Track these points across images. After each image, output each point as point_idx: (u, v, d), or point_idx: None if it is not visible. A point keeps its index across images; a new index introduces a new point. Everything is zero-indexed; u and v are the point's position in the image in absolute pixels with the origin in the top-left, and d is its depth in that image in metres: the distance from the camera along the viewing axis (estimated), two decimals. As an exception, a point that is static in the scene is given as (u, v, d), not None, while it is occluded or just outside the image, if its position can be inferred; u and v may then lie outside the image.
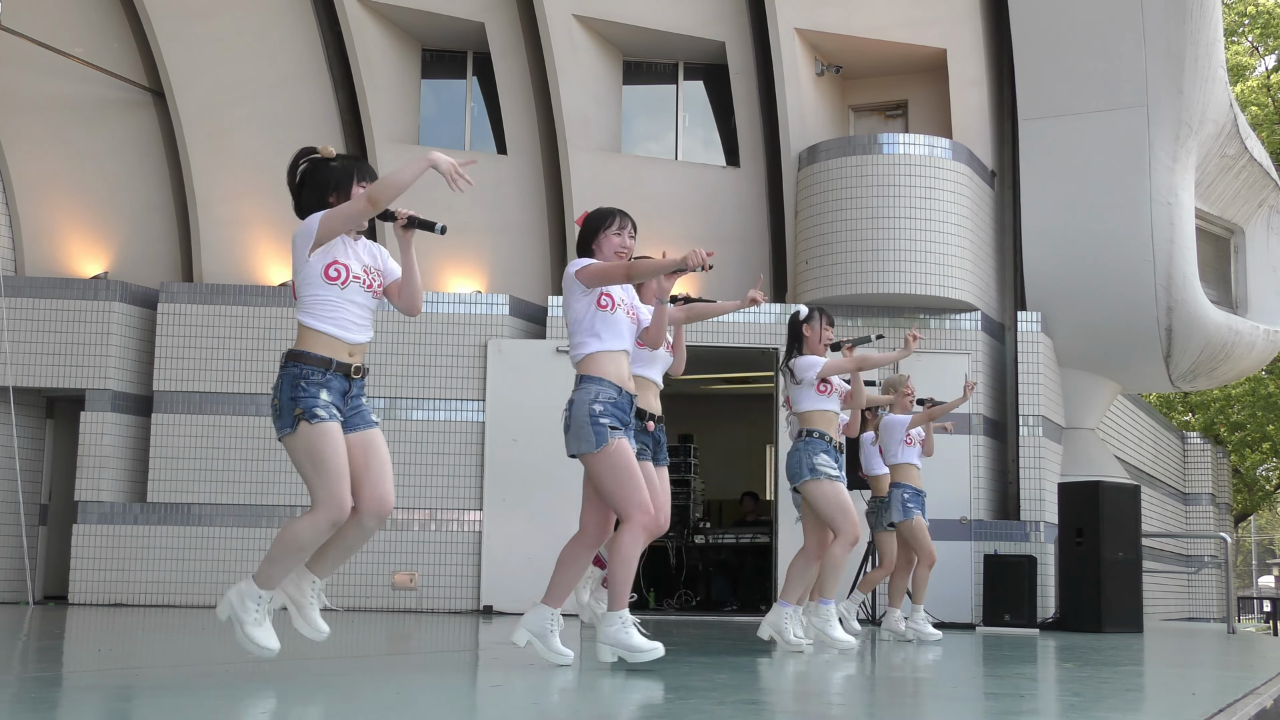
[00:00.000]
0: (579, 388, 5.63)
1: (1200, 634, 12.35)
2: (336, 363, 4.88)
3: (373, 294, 5.03)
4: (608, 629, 5.59)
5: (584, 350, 5.66)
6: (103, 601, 12.28)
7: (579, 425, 5.54)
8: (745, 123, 13.92)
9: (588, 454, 5.55)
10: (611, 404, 5.56)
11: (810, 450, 7.38)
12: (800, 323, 7.60)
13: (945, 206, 12.79)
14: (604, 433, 5.48)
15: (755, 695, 4.65)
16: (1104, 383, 14.81)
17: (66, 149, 13.81)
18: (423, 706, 4.21)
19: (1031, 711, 4.45)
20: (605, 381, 5.58)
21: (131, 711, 4.04)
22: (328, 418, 4.79)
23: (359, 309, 4.98)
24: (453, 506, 12.48)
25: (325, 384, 4.84)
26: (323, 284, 4.91)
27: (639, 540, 5.52)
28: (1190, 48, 13.10)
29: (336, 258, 4.94)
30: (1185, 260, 13.49)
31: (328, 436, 4.78)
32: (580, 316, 5.67)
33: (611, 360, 5.64)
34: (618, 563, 5.56)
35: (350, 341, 4.94)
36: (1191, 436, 23.17)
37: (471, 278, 13.72)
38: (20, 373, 12.53)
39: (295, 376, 4.84)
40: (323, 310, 4.91)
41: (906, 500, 9.18)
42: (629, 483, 5.51)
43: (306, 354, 4.87)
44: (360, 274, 4.97)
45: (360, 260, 5.02)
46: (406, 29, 14.22)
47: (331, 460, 4.78)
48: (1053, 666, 7.01)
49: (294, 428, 4.79)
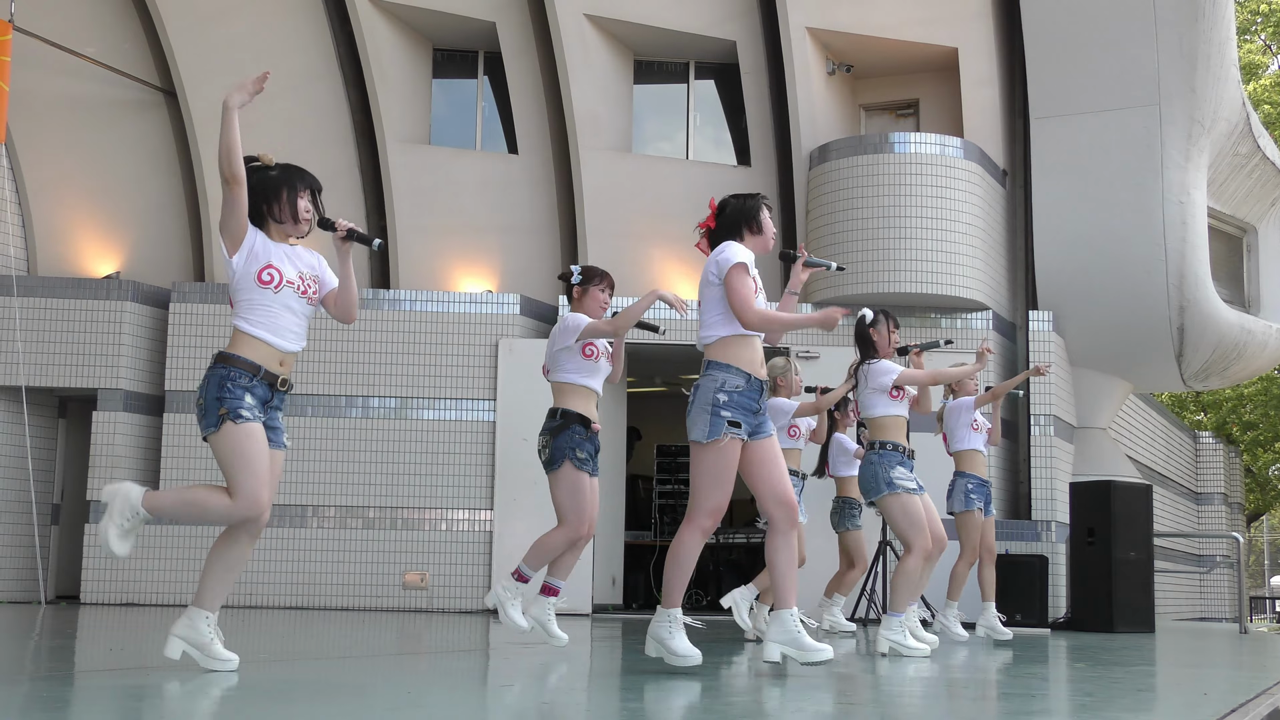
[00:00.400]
0: (705, 374, 5.41)
1: (1212, 634, 12.31)
2: (265, 370, 4.95)
3: (307, 300, 5.07)
4: (656, 625, 5.43)
5: (715, 332, 5.44)
6: (114, 601, 12.31)
7: (699, 410, 5.33)
8: (756, 122, 13.91)
9: (697, 442, 5.35)
10: (738, 393, 5.34)
11: (886, 463, 7.17)
12: (866, 327, 7.45)
13: (956, 206, 12.77)
14: (721, 425, 5.29)
15: (763, 695, 4.65)
16: (1116, 382, 14.78)
17: (79, 149, 13.85)
18: (434, 706, 4.21)
19: (1043, 711, 4.45)
20: (734, 369, 5.37)
21: (143, 710, 4.05)
22: (252, 418, 4.86)
23: (293, 316, 5.03)
24: (464, 506, 12.49)
25: (250, 389, 4.91)
26: (256, 288, 4.96)
27: (698, 541, 5.37)
28: (1203, 46, 13.06)
29: (270, 262, 4.99)
30: (1197, 259, 13.46)
31: (253, 436, 4.86)
32: (714, 298, 5.44)
33: (744, 344, 5.43)
34: (675, 562, 5.39)
35: (283, 349, 4.99)
36: (1204, 436, 23.11)
37: (482, 277, 13.73)
38: (33, 372, 12.56)
39: (222, 378, 4.90)
40: (257, 315, 4.97)
41: (970, 491, 8.88)
42: (721, 485, 5.32)
43: (236, 357, 4.93)
44: (294, 279, 5.02)
45: (295, 267, 5.06)
46: (418, 29, 14.24)
47: (255, 460, 4.85)
48: (1064, 666, 7.00)
49: (218, 427, 4.85)
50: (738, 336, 5.39)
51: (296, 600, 12.34)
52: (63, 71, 13.49)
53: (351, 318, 5.24)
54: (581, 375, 6.75)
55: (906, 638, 7.07)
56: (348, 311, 5.21)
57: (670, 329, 12.67)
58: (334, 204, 13.94)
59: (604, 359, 6.81)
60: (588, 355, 6.72)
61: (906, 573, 7.14)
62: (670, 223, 13.81)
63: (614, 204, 13.66)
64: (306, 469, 12.50)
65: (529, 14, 13.76)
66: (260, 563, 12.23)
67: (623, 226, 13.66)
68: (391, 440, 12.61)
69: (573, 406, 6.72)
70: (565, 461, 6.63)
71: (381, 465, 12.56)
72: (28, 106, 13.28)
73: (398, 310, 12.86)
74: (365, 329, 12.76)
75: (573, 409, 6.71)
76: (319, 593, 12.36)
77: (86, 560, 12.38)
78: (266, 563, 12.26)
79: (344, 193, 14.08)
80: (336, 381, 12.67)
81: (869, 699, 4.83)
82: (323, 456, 12.54)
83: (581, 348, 6.73)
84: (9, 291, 12.59)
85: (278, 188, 5.09)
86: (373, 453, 12.58)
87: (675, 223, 13.82)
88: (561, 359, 6.76)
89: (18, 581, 12.69)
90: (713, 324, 5.43)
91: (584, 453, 6.65)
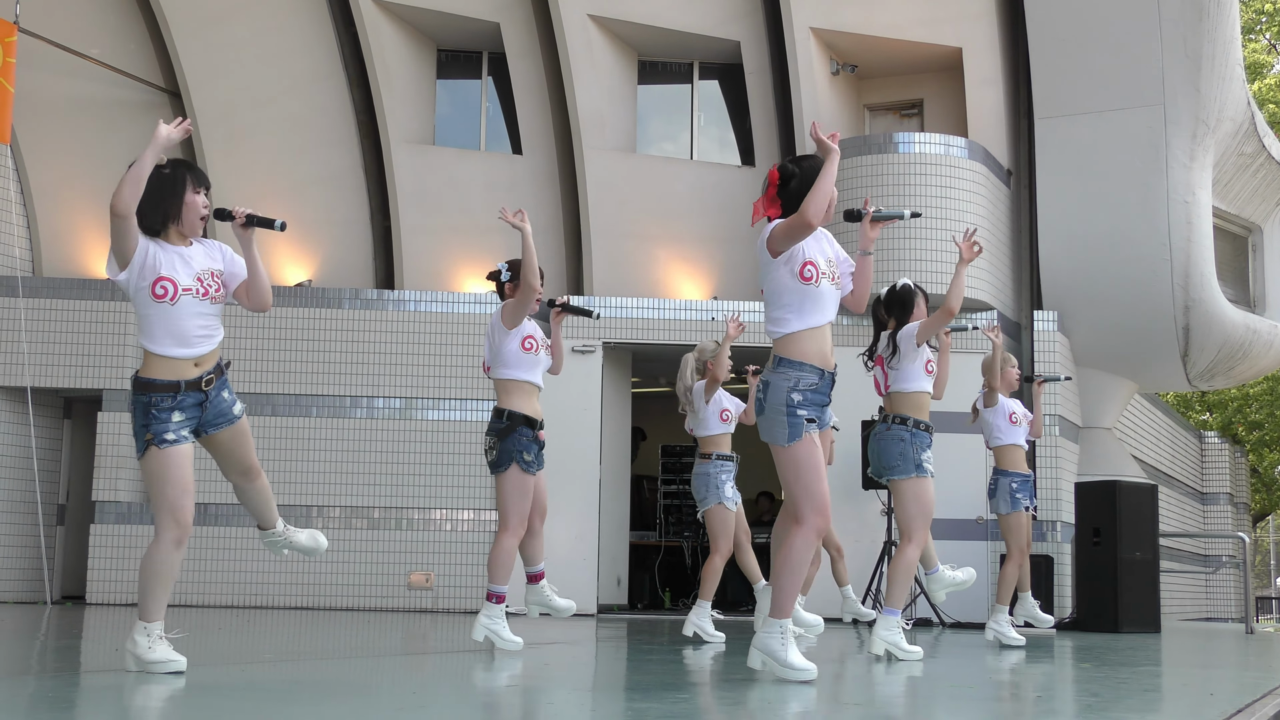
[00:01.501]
0: (776, 370, 5.13)
1: (1218, 634, 12.30)
2: (184, 383, 4.92)
3: (210, 300, 4.99)
4: (764, 635, 5.06)
5: (783, 328, 5.16)
6: (120, 601, 12.32)
7: (774, 412, 5.07)
8: (760, 122, 13.91)
9: (779, 446, 5.10)
10: (812, 391, 5.09)
11: (920, 444, 6.85)
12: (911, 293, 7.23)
13: (961, 205, 12.76)
14: (800, 426, 5.04)
15: (769, 695, 4.65)
16: (1121, 382, 14.76)
17: (84, 150, 13.86)
18: (439, 707, 4.21)
19: (1049, 712, 4.44)
20: (806, 366, 5.11)
21: (149, 710, 4.05)
22: (175, 440, 4.88)
23: (197, 320, 4.95)
24: (469, 506, 12.50)
25: (177, 405, 4.91)
26: (152, 303, 4.90)
27: (811, 542, 5.07)
28: (1207, 45, 13.05)
29: (161, 273, 4.91)
30: (1203, 259, 13.44)
31: (171, 462, 4.88)
32: (782, 287, 5.15)
33: (814, 338, 5.15)
34: (786, 567, 5.04)
35: (194, 356, 4.95)
36: (1209, 436, 23.08)
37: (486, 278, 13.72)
38: (38, 373, 12.58)
39: (145, 405, 4.90)
40: (158, 330, 4.91)
41: (1015, 490, 8.45)
42: (814, 480, 5.06)
43: (153, 381, 4.90)
44: (191, 285, 4.94)
45: (192, 269, 4.97)
46: (422, 29, 14.24)
47: (176, 482, 4.87)
48: (1070, 666, 6.99)
49: (144, 452, 4.91)
50: (808, 330, 5.11)
51: (301, 601, 12.35)
52: (67, 73, 13.51)
53: (265, 305, 5.12)
54: (521, 370, 6.75)
55: (903, 640, 6.81)
56: (260, 300, 5.11)
57: (674, 332, 12.68)
58: (338, 204, 14.01)
59: (543, 351, 6.81)
60: (526, 349, 6.73)
61: (907, 564, 6.76)
62: (674, 223, 13.82)
63: (618, 204, 13.66)
64: (311, 469, 12.51)
65: (533, 14, 13.76)
66: (265, 563, 12.24)
67: (627, 227, 13.66)
68: (396, 441, 12.62)
69: (517, 406, 6.74)
70: (512, 464, 6.66)
71: (386, 466, 12.57)
72: (32, 107, 13.29)
73: (402, 311, 12.86)
74: (369, 330, 12.77)
75: (518, 409, 6.73)
76: (324, 593, 12.37)
77: (92, 561, 12.39)
78: (271, 563, 12.27)
79: (348, 193, 14.09)
80: (341, 382, 12.68)
81: (870, 699, 4.83)
82: (327, 457, 12.55)
83: (521, 340, 6.73)
84: (14, 292, 12.61)
85: (171, 187, 4.98)
86: (377, 453, 12.59)
87: (679, 223, 13.83)
88: (501, 355, 6.76)
89: (23, 582, 12.70)
90: (782, 318, 5.14)
91: (530, 455, 6.68)
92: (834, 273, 5.24)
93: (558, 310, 7.10)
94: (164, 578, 4.95)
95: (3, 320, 12.68)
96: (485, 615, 6.67)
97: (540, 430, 6.79)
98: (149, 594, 4.95)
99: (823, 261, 5.19)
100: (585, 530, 12.26)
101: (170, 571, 4.96)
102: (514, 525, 6.66)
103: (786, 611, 5.04)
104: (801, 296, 5.11)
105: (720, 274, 13.67)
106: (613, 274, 13.53)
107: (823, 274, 5.16)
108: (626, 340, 12.76)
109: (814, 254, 5.17)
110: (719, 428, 8.25)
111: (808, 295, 5.12)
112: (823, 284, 5.15)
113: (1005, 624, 8.48)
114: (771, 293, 5.18)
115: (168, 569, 4.95)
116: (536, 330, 6.86)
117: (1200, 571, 19.89)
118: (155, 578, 4.94)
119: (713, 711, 4.21)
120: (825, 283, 5.16)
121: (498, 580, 6.67)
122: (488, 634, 6.65)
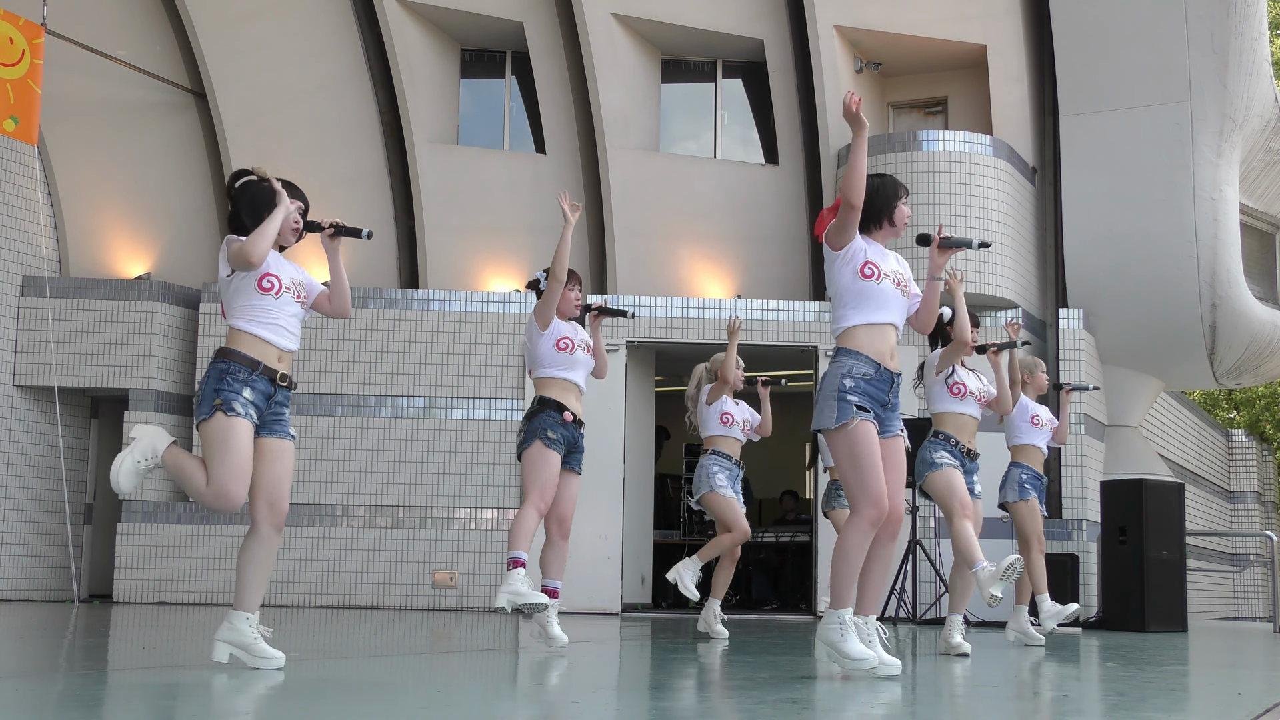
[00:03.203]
0: (833, 361, 5.26)
1: (1246, 633, 12.23)
2: (264, 365, 5.09)
3: (300, 305, 5.26)
4: (825, 627, 5.12)
5: (843, 323, 5.27)
6: (147, 600, 12.39)
7: (825, 398, 5.16)
8: (784, 121, 13.89)
9: (826, 429, 5.15)
10: (865, 380, 5.15)
11: (933, 447, 7.32)
12: (945, 325, 7.34)
13: (986, 203, 12.72)
14: (849, 409, 5.08)
15: (796, 694, 4.64)
16: (1147, 380, 14.69)
17: (110, 151, 13.94)
18: (465, 705, 4.22)
19: (1075, 711, 4.43)
20: (861, 356, 5.19)
21: (176, 709, 4.08)
22: (243, 414, 5.01)
23: (290, 318, 5.20)
24: (493, 505, 12.52)
25: (250, 383, 5.06)
26: (257, 294, 5.14)
27: (865, 534, 5.10)
28: (1234, 41, 12.97)
29: (269, 269, 5.16)
30: (1229, 256, 13.36)
31: (237, 430, 5.00)
32: (843, 286, 5.26)
33: (873, 334, 5.23)
34: (840, 558, 5.11)
35: (280, 346, 5.16)
36: (1236, 434, 22.95)
37: (510, 277, 13.75)
38: (65, 373, 12.66)
39: (221, 371, 5.06)
40: (255, 315, 5.12)
41: (1024, 481, 8.54)
42: (866, 470, 5.08)
43: (235, 352, 5.09)
44: (290, 285, 5.21)
45: (289, 274, 5.24)
46: (446, 29, 14.27)
47: (235, 454, 4.99)
48: (1096, 666, 6.96)
49: (210, 415, 5.01)
50: (868, 326, 5.21)
51: (326, 599, 12.40)
52: (94, 74, 13.59)
53: (347, 312, 5.43)
54: (558, 369, 6.77)
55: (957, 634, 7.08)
56: (342, 306, 5.40)
57: (699, 331, 12.68)
58: (363, 204, 14.05)
59: (580, 351, 6.81)
60: (561, 349, 6.76)
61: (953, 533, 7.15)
62: (698, 221, 13.81)
63: (642, 203, 13.66)
64: (336, 469, 12.56)
65: (556, 14, 13.78)
66: (290, 561, 12.29)
67: (650, 226, 13.67)
68: (420, 440, 12.66)
69: (550, 394, 6.76)
70: (535, 440, 6.67)
71: (411, 464, 12.60)
72: (60, 109, 13.37)
73: (426, 310, 12.90)
74: (394, 329, 12.81)
75: (549, 395, 6.75)
76: (349, 591, 12.41)
77: (119, 559, 12.47)
78: (297, 562, 12.32)
79: (372, 193, 14.13)
80: (365, 381, 12.72)
81: (903, 700, 4.82)
82: (352, 456, 12.59)
83: (555, 341, 6.76)
84: (42, 293, 12.70)
85: (270, 197, 5.20)
86: (402, 452, 12.62)
87: (703, 221, 13.82)
88: (537, 356, 6.80)
89: (51, 580, 12.79)
90: (843, 315, 5.26)
91: (555, 434, 6.67)
92: (899, 279, 5.32)
93: (594, 314, 7.12)
94: (263, 566, 5.17)
95: (30, 320, 12.77)
96: (503, 583, 6.58)
97: (575, 421, 6.76)
98: (249, 583, 5.17)
99: (887, 268, 5.28)
100: (609, 529, 12.27)
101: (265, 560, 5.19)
102: (534, 497, 6.63)
103: (845, 602, 5.09)
104: (862, 294, 5.22)
105: (744, 273, 13.66)
106: (636, 273, 13.53)
107: (885, 275, 5.25)
108: (650, 339, 12.77)
109: (877, 259, 5.27)
110: (718, 429, 8.42)
111: (868, 292, 5.21)
112: (884, 283, 5.24)
113: (1024, 622, 8.53)
114: (835, 294, 5.31)
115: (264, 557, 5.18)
116: (575, 331, 6.87)
117: (1227, 570, 19.78)
118: (252, 567, 5.16)
119: (737, 711, 4.21)
120: (887, 283, 5.25)
121: (514, 546, 6.57)
122: (508, 598, 6.51)
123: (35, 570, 12.73)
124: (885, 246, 5.39)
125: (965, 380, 7.47)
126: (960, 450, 7.36)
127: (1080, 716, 4.25)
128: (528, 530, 6.62)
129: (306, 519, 12.43)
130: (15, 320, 12.79)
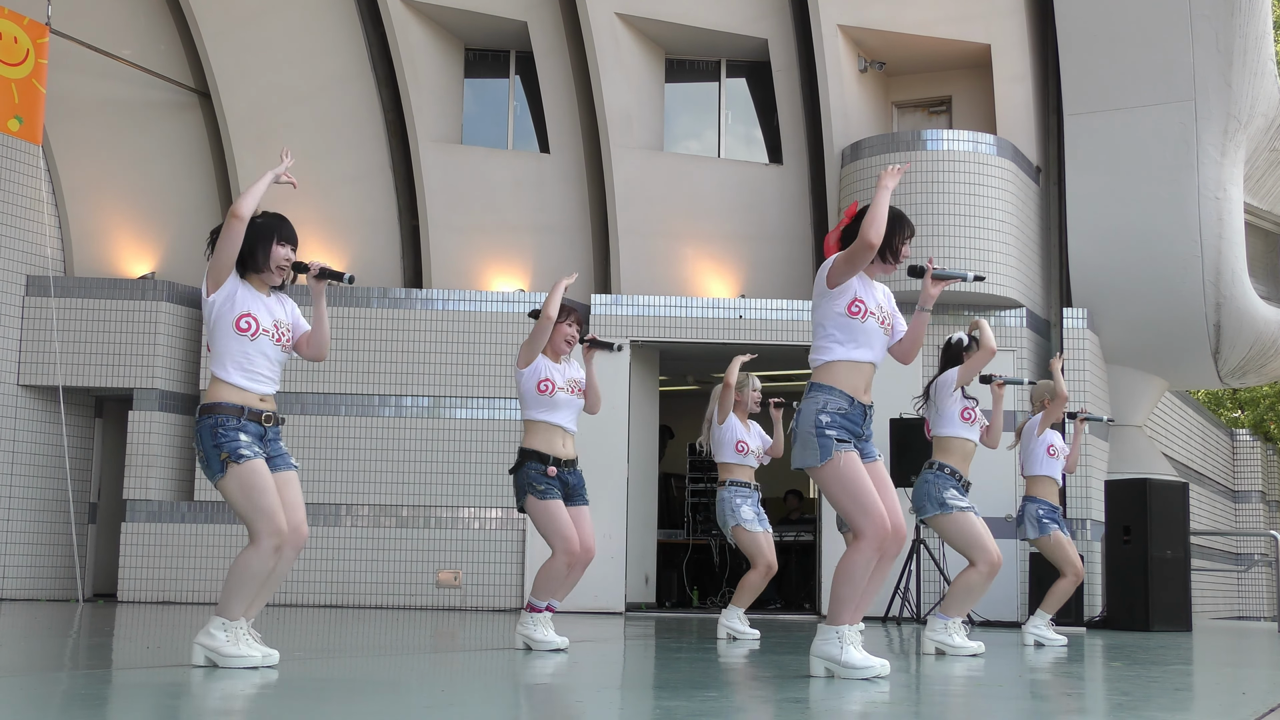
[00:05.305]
0: (807, 396, 5.27)
1: (1250, 633, 12.22)
2: (249, 410, 5.15)
3: (281, 347, 5.27)
4: (820, 642, 5.19)
5: (823, 356, 5.29)
6: (151, 599, 12.40)
7: (803, 436, 5.19)
8: (788, 120, 13.88)
9: (813, 467, 5.20)
10: (840, 415, 5.19)
11: (940, 484, 7.17)
12: (961, 349, 7.36)
13: (990, 203, 12.71)
14: (829, 445, 5.13)
15: (800, 694, 4.64)
16: (1151, 379, 14.68)
17: (115, 151, 13.95)
18: (469, 704, 4.22)
19: (1079, 710, 4.42)
20: (836, 391, 5.21)
21: (180, 708, 4.08)
22: (251, 455, 5.08)
23: (267, 361, 5.23)
24: (497, 505, 12.52)
25: (241, 428, 5.12)
26: (233, 335, 5.16)
27: (870, 558, 5.14)
28: (1239, 40, 12.95)
29: (248, 309, 5.18)
30: (1234, 255, 13.35)
31: (256, 471, 5.08)
32: (828, 318, 5.30)
33: (851, 371, 5.25)
34: (844, 579, 5.16)
35: (260, 393, 5.20)
36: (1241, 433, 22.93)
37: (514, 276, 13.76)
38: (69, 372, 12.67)
39: (212, 426, 5.12)
40: (235, 361, 5.16)
41: (1041, 516, 8.60)
42: (862, 494, 5.14)
43: (218, 405, 5.13)
44: (270, 327, 5.21)
45: (271, 315, 5.24)
46: (449, 29, 14.28)
47: (264, 495, 5.06)
48: (1100, 665, 6.96)
49: (223, 471, 5.08)
50: (845, 363, 5.24)
51: (330, 598, 12.40)
52: (98, 74, 13.60)
53: (323, 356, 5.43)
54: (540, 411, 6.77)
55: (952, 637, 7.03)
56: (319, 351, 5.40)
57: (702, 330, 12.68)
58: (367, 203, 14.06)
59: (563, 393, 6.77)
60: (541, 391, 6.74)
61: (969, 585, 7.11)
62: (702, 221, 13.80)
63: (646, 203, 13.66)
64: (340, 468, 12.56)
65: (560, 13, 13.78)
66: (295, 561, 12.28)
67: (654, 225, 13.66)
68: (424, 439, 12.66)
69: (532, 444, 6.77)
70: (527, 496, 6.74)
71: (414, 464, 12.61)
72: (64, 108, 13.39)
73: (430, 310, 12.90)
74: (398, 328, 12.81)
75: (530, 446, 6.77)
76: (353, 591, 12.42)
77: (124, 559, 12.48)
78: (301, 561, 12.32)
79: (376, 192, 14.14)
80: (369, 381, 12.73)
81: (906, 698, 4.82)
82: (356, 455, 12.60)
83: (536, 383, 6.76)
84: (46, 292, 12.71)
85: (262, 237, 5.23)
86: (406, 451, 12.63)
87: (707, 221, 13.82)
88: (521, 395, 6.84)
89: (56, 580, 12.80)
90: (824, 346, 5.29)
91: (542, 485, 6.69)
92: (883, 316, 5.34)
93: (586, 346, 7.09)
94: (254, 581, 5.13)
95: (35, 320, 12.79)
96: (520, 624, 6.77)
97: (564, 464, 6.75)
98: (235, 593, 5.12)
99: (873, 304, 5.30)
100: (613, 528, 12.26)
101: (262, 576, 5.14)
102: (558, 544, 6.69)
103: (842, 619, 5.15)
104: (848, 329, 5.24)
105: (748, 272, 13.65)
106: (640, 272, 13.53)
107: (870, 313, 5.27)
108: (654, 339, 12.77)
109: (864, 295, 5.29)
110: (733, 457, 8.40)
111: (854, 329, 5.24)
112: (869, 321, 5.26)
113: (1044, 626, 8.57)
114: (818, 323, 5.32)
115: (261, 574, 5.13)
116: (562, 372, 6.83)
117: (1232, 570, 19.76)
118: (247, 580, 5.12)
119: (741, 710, 4.21)
120: (872, 321, 5.28)
121: (536, 594, 6.74)
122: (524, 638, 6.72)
123: (40, 569, 12.74)
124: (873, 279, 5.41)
125: (975, 406, 7.42)
126: (963, 485, 7.27)
127: (1084, 716, 4.25)
128: (555, 577, 6.70)
129: (311, 518, 12.38)
130: (20, 320, 12.81)
